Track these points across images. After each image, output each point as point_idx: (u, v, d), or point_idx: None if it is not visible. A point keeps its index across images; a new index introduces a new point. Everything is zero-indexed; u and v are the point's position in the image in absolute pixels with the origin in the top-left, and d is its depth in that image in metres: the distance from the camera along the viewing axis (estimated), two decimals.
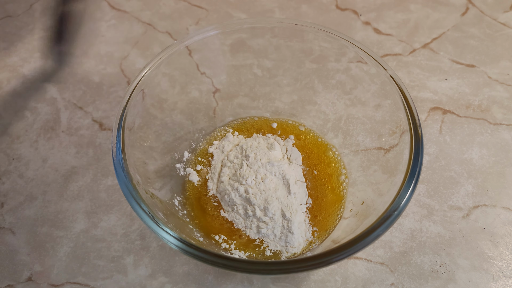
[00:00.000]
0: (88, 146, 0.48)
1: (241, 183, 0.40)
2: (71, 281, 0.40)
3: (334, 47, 0.42)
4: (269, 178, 0.40)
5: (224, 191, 0.41)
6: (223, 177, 0.42)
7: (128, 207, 0.44)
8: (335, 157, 0.44)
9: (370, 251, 0.41)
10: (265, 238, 0.39)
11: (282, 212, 0.39)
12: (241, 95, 0.47)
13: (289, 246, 0.39)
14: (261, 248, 0.39)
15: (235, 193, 0.40)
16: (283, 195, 0.40)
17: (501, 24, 0.57)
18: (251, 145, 0.43)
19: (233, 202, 0.40)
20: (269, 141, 0.44)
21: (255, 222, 0.39)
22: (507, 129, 0.48)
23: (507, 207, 0.43)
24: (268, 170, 0.41)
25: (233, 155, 0.43)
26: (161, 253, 0.41)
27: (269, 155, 0.42)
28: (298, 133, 0.46)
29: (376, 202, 0.37)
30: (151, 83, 0.40)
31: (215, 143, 0.45)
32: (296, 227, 0.39)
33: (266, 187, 0.40)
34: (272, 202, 0.39)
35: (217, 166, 0.43)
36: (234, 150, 0.44)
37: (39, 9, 0.60)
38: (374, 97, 0.42)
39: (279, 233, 0.39)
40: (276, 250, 0.39)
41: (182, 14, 0.59)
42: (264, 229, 0.39)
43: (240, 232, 0.40)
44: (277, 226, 0.39)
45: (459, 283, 0.39)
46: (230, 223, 0.40)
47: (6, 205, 0.44)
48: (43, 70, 0.54)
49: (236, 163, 0.42)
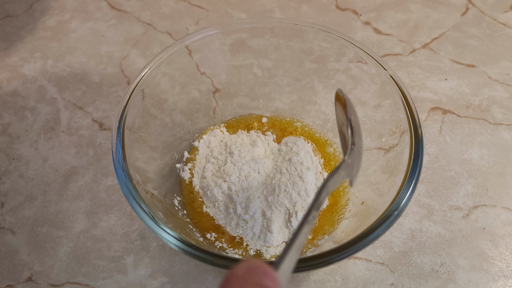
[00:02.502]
0: (88, 146, 0.48)
1: (225, 180, 0.40)
2: (71, 281, 0.40)
3: (334, 47, 0.42)
4: (252, 175, 0.40)
5: (207, 186, 0.41)
6: (206, 172, 0.42)
7: (128, 207, 0.44)
8: (336, 155, 0.44)
9: (370, 251, 0.41)
10: (244, 236, 0.39)
11: (262, 211, 0.39)
12: (241, 95, 0.47)
13: (267, 246, 0.38)
14: (243, 245, 0.39)
15: (217, 189, 0.40)
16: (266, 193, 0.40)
17: (501, 24, 0.57)
18: (235, 142, 0.43)
19: (215, 198, 0.40)
20: (252, 138, 0.44)
21: (235, 219, 0.39)
22: (507, 129, 0.48)
23: (507, 207, 0.43)
24: (251, 167, 0.41)
25: (217, 151, 0.43)
26: (161, 253, 0.41)
27: (253, 152, 0.42)
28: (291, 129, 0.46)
29: (376, 202, 0.37)
30: (151, 83, 0.40)
31: (204, 137, 0.45)
32: (276, 227, 0.39)
33: (249, 185, 0.40)
34: (254, 200, 0.39)
35: (202, 161, 0.43)
36: (218, 146, 0.44)
37: (39, 9, 0.60)
38: (374, 97, 0.42)
39: (258, 232, 0.39)
40: (256, 249, 0.39)
41: (182, 14, 0.59)
42: (243, 227, 0.39)
43: (222, 229, 0.40)
44: (256, 224, 0.39)
45: (459, 283, 0.39)
46: (213, 219, 0.40)
47: (6, 205, 0.44)
48: (43, 70, 0.54)
49: (220, 159, 0.42)
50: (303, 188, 0.39)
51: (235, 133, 0.45)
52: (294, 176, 0.40)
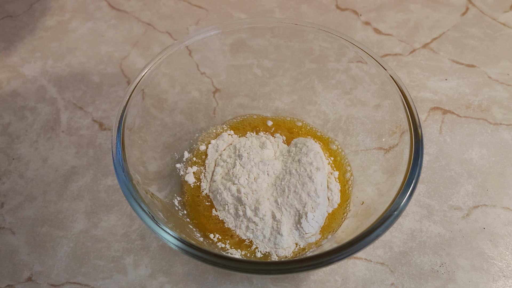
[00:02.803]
0: (88, 146, 0.48)
1: (234, 183, 0.40)
2: (71, 281, 0.40)
3: (334, 47, 0.42)
4: (262, 177, 0.40)
5: (216, 190, 0.41)
6: (216, 176, 0.42)
7: (128, 207, 0.44)
8: (340, 151, 0.44)
9: (370, 251, 0.41)
10: (254, 239, 0.39)
11: (272, 213, 0.39)
12: (241, 95, 0.47)
13: (277, 248, 0.38)
14: (251, 248, 0.39)
15: (227, 192, 0.40)
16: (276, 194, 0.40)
17: (501, 24, 0.57)
18: (244, 144, 0.43)
19: (225, 201, 0.40)
20: (261, 140, 0.44)
21: (244, 222, 0.39)
22: (507, 129, 0.48)
23: (507, 207, 0.43)
24: (260, 169, 0.41)
25: (226, 154, 0.43)
26: (161, 253, 0.41)
27: (262, 154, 0.42)
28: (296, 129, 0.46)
29: (376, 202, 0.37)
30: (151, 83, 0.40)
31: (212, 142, 0.45)
32: (286, 229, 0.39)
33: (258, 187, 0.40)
34: (264, 202, 0.39)
35: (210, 165, 0.43)
36: (227, 150, 0.44)
37: (39, 9, 0.60)
38: (374, 97, 0.42)
39: (268, 234, 0.39)
40: (266, 251, 0.39)
41: (182, 14, 0.59)
42: (253, 229, 0.39)
43: (231, 232, 0.40)
44: (266, 227, 0.39)
45: (459, 283, 0.39)
46: (222, 222, 0.40)
47: (6, 205, 0.44)
48: (43, 70, 0.54)
49: (229, 162, 0.42)
50: (313, 189, 0.39)
51: (243, 136, 0.45)
52: (304, 176, 0.40)
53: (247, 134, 0.46)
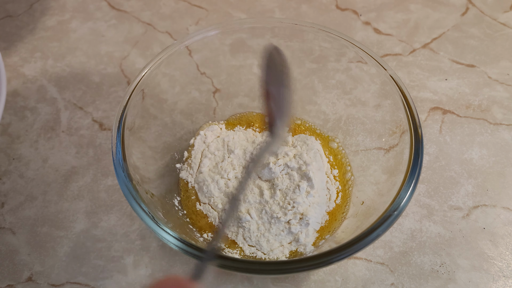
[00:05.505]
0: (88, 146, 0.48)
1: (222, 176, 0.40)
2: (71, 281, 0.40)
3: (334, 47, 0.42)
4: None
5: (203, 181, 0.41)
6: (203, 167, 0.41)
7: (128, 207, 0.44)
8: (340, 150, 0.44)
9: (370, 251, 0.41)
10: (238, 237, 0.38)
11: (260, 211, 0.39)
12: (241, 95, 0.47)
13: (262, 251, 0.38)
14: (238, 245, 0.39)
15: (214, 185, 0.40)
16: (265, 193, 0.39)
17: (501, 24, 0.57)
18: (233, 138, 0.43)
19: (211, 194, 0.40)
20: (249, 135, 0.44)
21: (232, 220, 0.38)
22: (507, 129, 0.48)
23: (507, 207, 0.43)
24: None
25: (214, 146, 0.43)
26: (161, 253, 0.41)
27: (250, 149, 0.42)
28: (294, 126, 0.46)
29: (376, 202, 0.37)
30: (151, 83, 0.40)
31: (201, 132, 0.44)
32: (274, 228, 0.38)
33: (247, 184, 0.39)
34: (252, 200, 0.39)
35: (197, 156, 0.43)
36: (215, 142, 0.43)
37: (39, 9, 0.60)
38: (374, 97, 0.42)
39: (254, 234, 0.38)
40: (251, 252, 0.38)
41: (182, 14, 0.59)
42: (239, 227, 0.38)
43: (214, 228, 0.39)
44: (252, 225, 0.38)
45: (459, 283, 0.39)
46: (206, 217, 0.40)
47: (6, 205, 0.44)
48: (43, 70, 0.54)
49: (218, 155, 0.42)
50: (308, 189, 0.39)
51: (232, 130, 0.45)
52: (297, 176, 0.39)
53: (236, 128, 0.45)
